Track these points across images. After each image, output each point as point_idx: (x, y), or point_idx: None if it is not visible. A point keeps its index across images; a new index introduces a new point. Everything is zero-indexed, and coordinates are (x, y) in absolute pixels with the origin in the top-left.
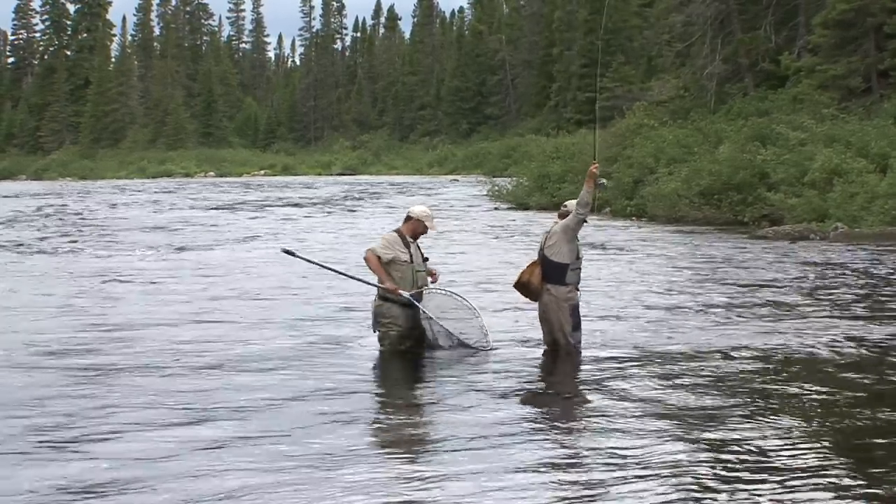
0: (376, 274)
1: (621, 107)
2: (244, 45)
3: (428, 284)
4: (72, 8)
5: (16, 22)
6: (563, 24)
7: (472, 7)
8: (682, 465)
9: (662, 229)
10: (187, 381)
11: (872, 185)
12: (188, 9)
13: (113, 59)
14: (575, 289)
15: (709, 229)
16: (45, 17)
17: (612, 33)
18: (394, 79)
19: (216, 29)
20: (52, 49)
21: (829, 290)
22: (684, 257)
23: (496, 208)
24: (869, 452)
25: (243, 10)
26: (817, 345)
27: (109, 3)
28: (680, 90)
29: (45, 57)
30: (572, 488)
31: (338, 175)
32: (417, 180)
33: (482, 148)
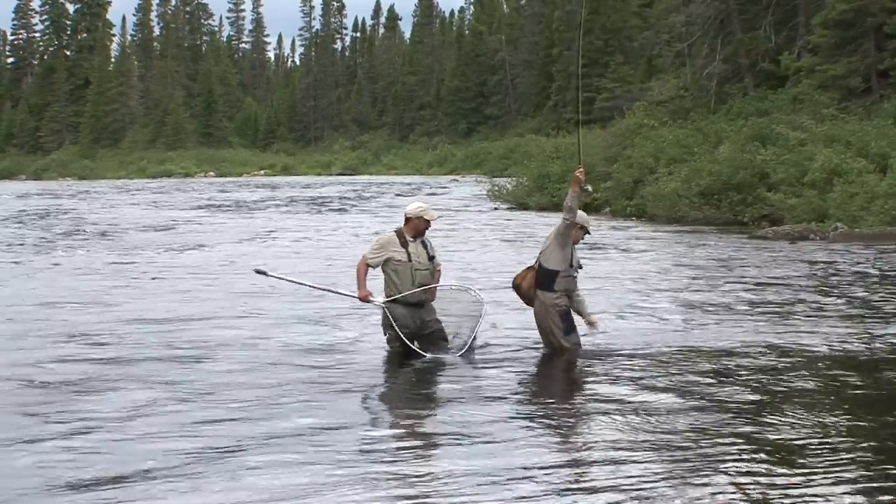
0: (357, 281)
1: (621, 107)
2: (244, 45)
3: (429, 283)
4: (71, 8)
5: (15, 22)
6: (563, 24)
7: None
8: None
9: (662, 229)
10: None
11: (872, 185)
12: (188, 9)
13: (113, 59)
14: (565, 295)
15: (709, 229)
16: (45, 17)
17: (611, 33)
18: (394, 79)
19: (216, 29)
20: (51, 49)
21: (829, 291)
22: (684, 257)
23: (496, 208)
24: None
25: (243, 10)
26: (817, 344)
27: (109, 3)
28: (680, 90)
29: (45, 57)
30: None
31: (338, 175)
32: (417, 180)
33: (482, 148)
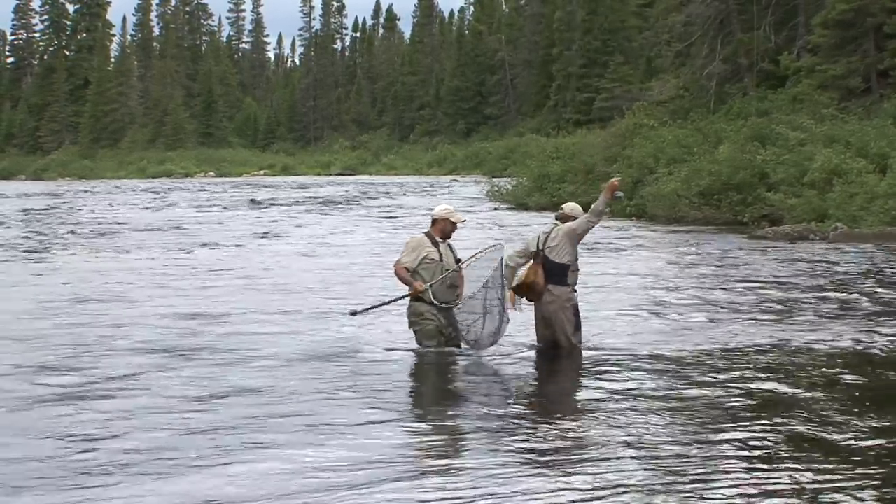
0: (405, 284)
1: (621, 107)
2: (244, 45)
3: (458, 285)
4: (71, 8)
5: (15, 22)
6: (563, 24)
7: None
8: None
9: (662, 229)
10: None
11: (872, 185)
12: (188, 9)
13: (112, 60)
14: (573, 290)
15: (708, 229)
16: (45, 17)
17: (610, 33)
18: (393, 79)
19: (216, 29)
20: (51, 49)
21: (828, 290)
22: (683, 257)
23: (496, 208)
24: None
25: (243, 11)
26: (817, 344)
27: (109, 3)
28: (680, 90)
29: (45, 57)
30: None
31: (337, 175)
32: (417, 180)
33: (482, 148)
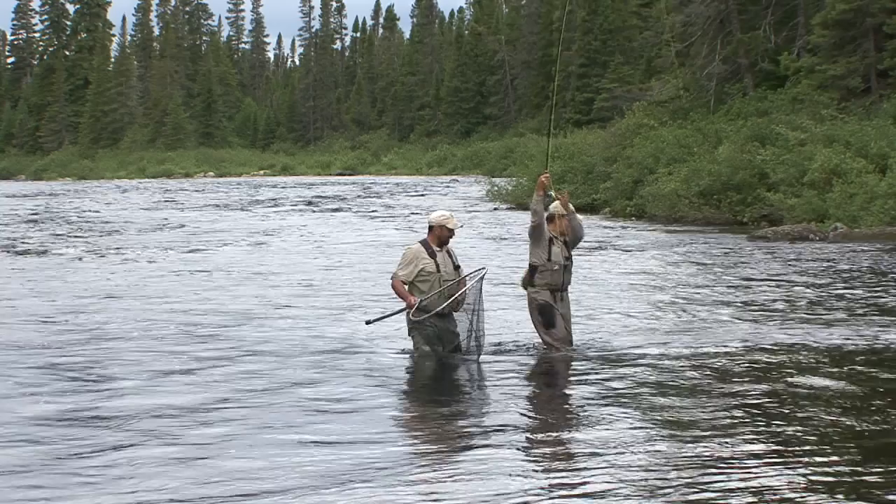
0: (401, 298)
1: (621, 107)
2: (244, 45)
3: (456, 294)
4: (71, 8)
5: (15, 22)
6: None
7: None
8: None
9: (662, 229)
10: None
11: (872, 185)
12: (187, 9)
13: (112, 60)
14: (544, 289)
15: (708, 229)
16: (45, 17)
17: (610, 33)
18: (393, 79)
19: (216, 29)
20: (51, 49)
21: (828, 290)
22: (683, 257)
23: (496, 208)
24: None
25: (243, 11)
26: (817, 344)
27: (109, 3)
28: (680, 90)
29: (45, 57)
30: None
31: (337, 175)
32: (417, 180)
33: (481, 148)
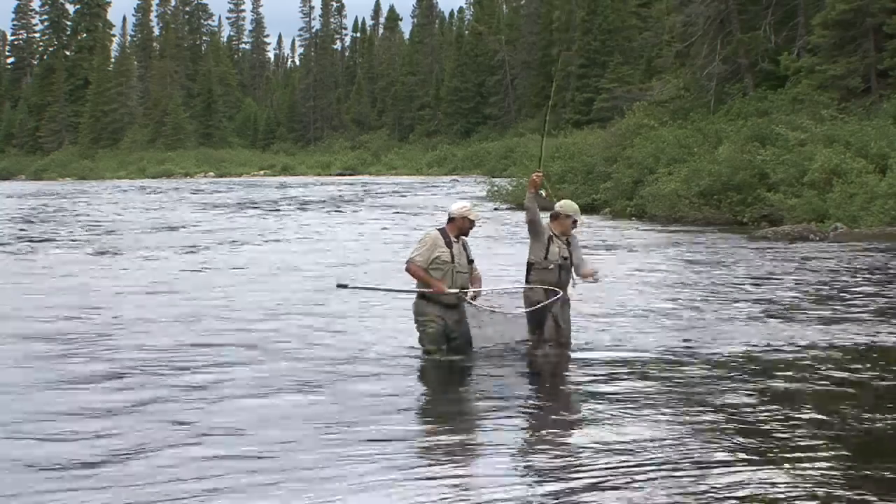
0: (423, 282)
1: (621, 107)
2: (244, 45)
3: (468, 287)
4: (71, 8)
5: (15, 22)
6: (562, 25)
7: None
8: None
9: (662, 230)
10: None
11: (872, 185)
12: (188, 9)
13: (112, 60)
14: (537, 288)
15: (708, 230)
16: (45, 17)
17: (610, 33)
18: (393, 79)
19: (216, 29)
20: (51, 49)
21: (828, 290)
22: (683, 258)
23: (496, 209)
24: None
25: (243, 11)
26: (817, 343)
27: (109, 3)
28: (680, 90)
29: (45, 57)
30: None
31: (337, 175)
32: (417, 180)
33: (482, 148)
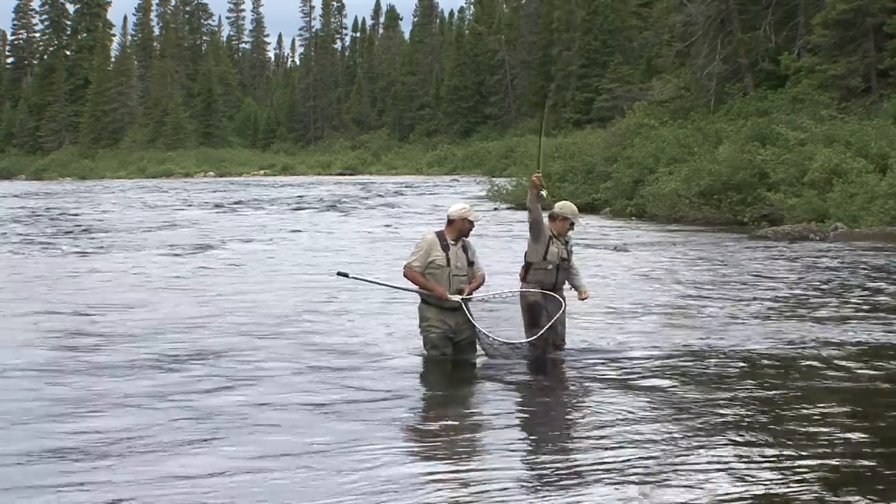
0: (423, 287)
1: (621, 107)
2: (244, 45)
3: (464, 290)
4: (71, 8)
5: (16, 22)
6: (562, 25)
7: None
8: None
9: (662, 229)
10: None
11: (872, 185)
12: (188, 9)
13: (112, 60)
14: (535, 288)
15: (708, 229)
16: (45, 17)
17: (610, 33)
18: (393, 79)
19: (216, 29)
20: (51, 49)
21: (828, 290)
22: (683, 257)
23: (496, 209)
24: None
25: (243, 10)
26: (817, 343)
27: (109, 3)
28: (680, 90)
29: (45, 57)
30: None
31: (338, 175)
32: (417, 180)
33: (482, 147)
